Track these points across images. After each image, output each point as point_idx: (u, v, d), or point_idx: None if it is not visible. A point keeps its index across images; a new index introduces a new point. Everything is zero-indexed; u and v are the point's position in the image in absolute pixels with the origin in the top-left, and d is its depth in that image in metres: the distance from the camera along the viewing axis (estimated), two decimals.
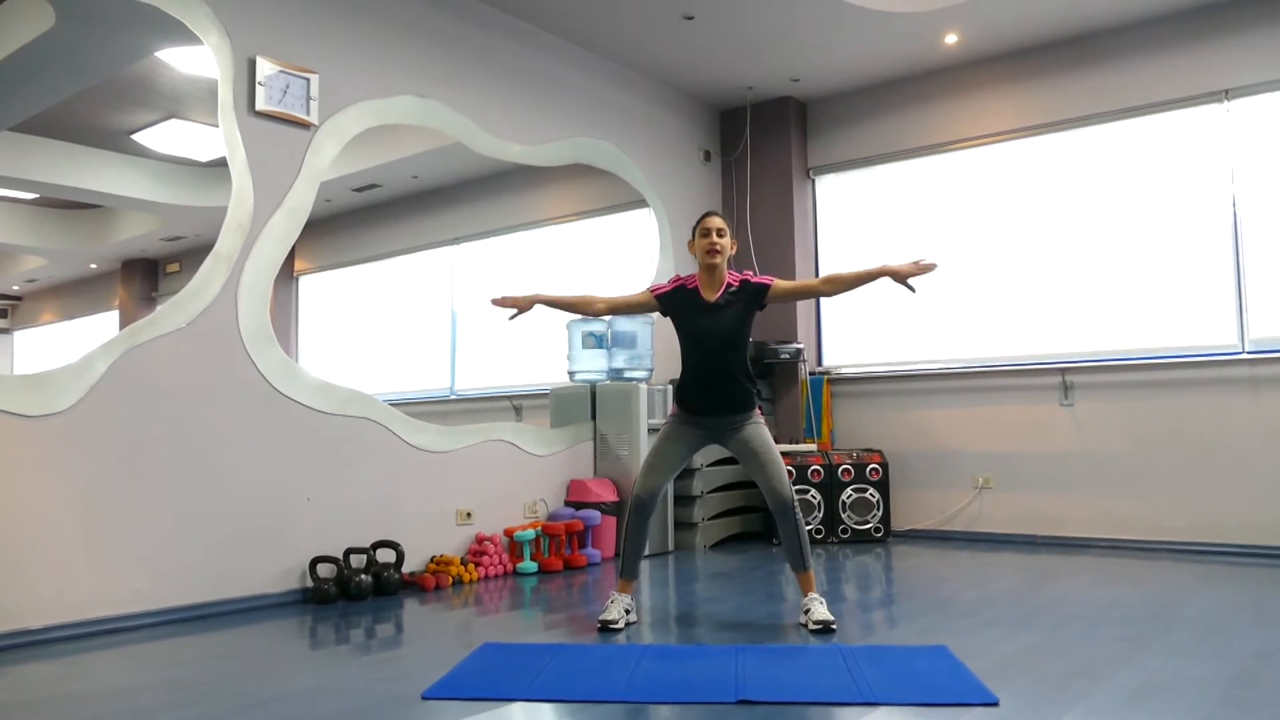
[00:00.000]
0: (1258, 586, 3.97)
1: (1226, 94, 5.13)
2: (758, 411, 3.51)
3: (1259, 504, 4.88)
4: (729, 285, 3.47)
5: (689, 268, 6.37)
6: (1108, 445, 5.34)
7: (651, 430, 5.37)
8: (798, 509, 3.39)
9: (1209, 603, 3.63)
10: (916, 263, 3.39)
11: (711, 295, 3.46)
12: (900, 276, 3.41)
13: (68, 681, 2.77)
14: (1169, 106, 5.30)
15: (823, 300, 6.52)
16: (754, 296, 3.45)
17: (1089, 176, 5.56)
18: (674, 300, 3.50)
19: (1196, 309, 5.17)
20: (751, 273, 3.54)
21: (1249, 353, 4.98)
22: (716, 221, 3.48)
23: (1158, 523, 5.16)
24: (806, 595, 3.38)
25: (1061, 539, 5.44)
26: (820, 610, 3.28)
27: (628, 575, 3.46)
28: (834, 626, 3.23)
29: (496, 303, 3.56)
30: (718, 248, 3.45)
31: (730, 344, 3.43)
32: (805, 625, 3.28)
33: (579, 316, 5.54)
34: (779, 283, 3.49)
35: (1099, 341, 5.44)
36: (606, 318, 5.53)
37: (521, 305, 3.54)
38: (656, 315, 3.63)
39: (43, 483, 3.35)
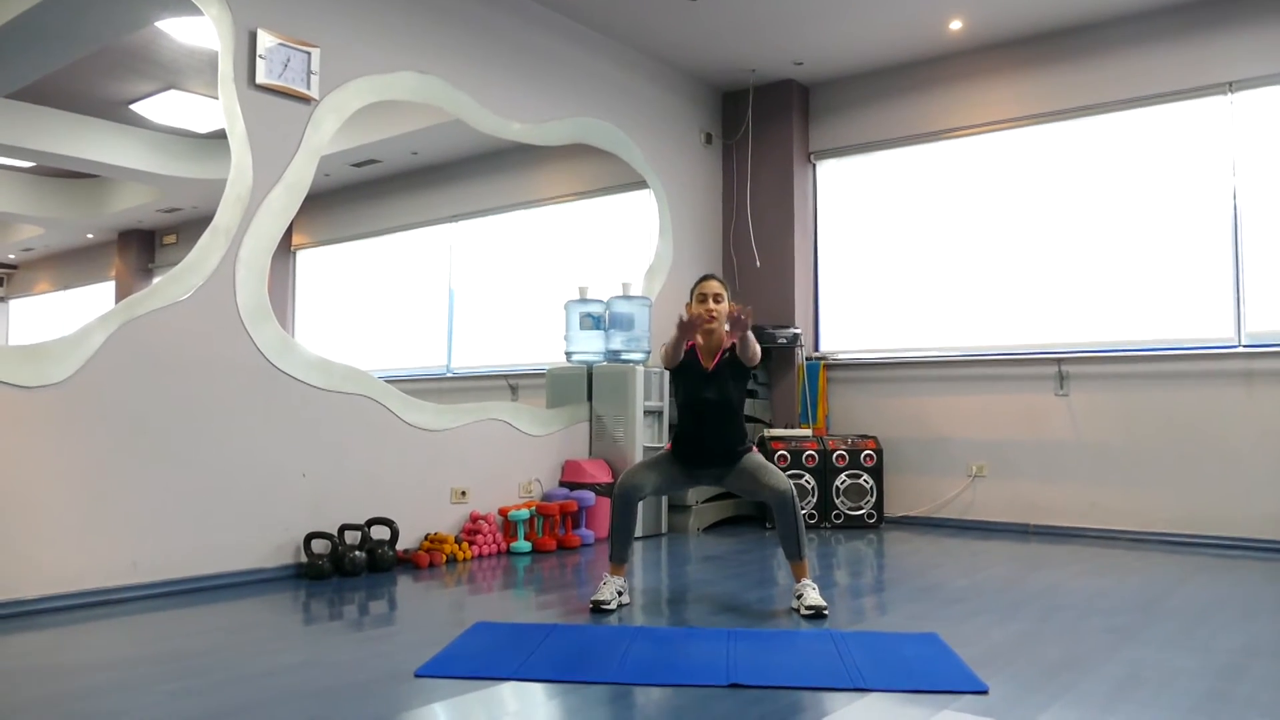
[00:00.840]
0: (1247, 580, 4.00)
1: (1231, 86, 5.11)
2: (752, 449, 3.62)
3: (1250, 497, 4.91)
4: (724, 353, 3.55)
5: (689, 249, 6.38)
6: (1101, 436, 5.35)
7: (647, 413, 5.38)
8: (797, 499, 3.43)
9: (1198, 595, 3.66)
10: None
11: (708, 362, 3.56)
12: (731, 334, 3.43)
13: (62, 652, 2.78)
14: (1173, 98, 5.29)
15: (820, 285, 6.53)
16: (736, 362, 3.54)
17: (1090, 166, 5.55)
18: (684, 362, 3.57)
19: (1194, 301, 5.17)
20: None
21: (1245, 346, 4.99)
22: (714, 287, 3.54)
23: (1149, 514, 5.19)
24: (799, 581, 3.40)
25: (1053, 528, 5.47)
26: (813, 595, 3.30)
27: (618, 559, 3.48)
28: (826, 612, 3.25)
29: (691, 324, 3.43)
30: (714, 315, 3.50)
31: (724, 408, 3.54)
32: (797, 610, 3.30)
33: (578, 297, 5.54)
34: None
35: (1095, 332, 5.45)
36: (606, 302, 5.54)
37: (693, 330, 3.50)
38: (652, 300, 3.64)
39: (39, 454, 3.35)
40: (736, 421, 3.58)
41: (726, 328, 3.46)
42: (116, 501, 3.53)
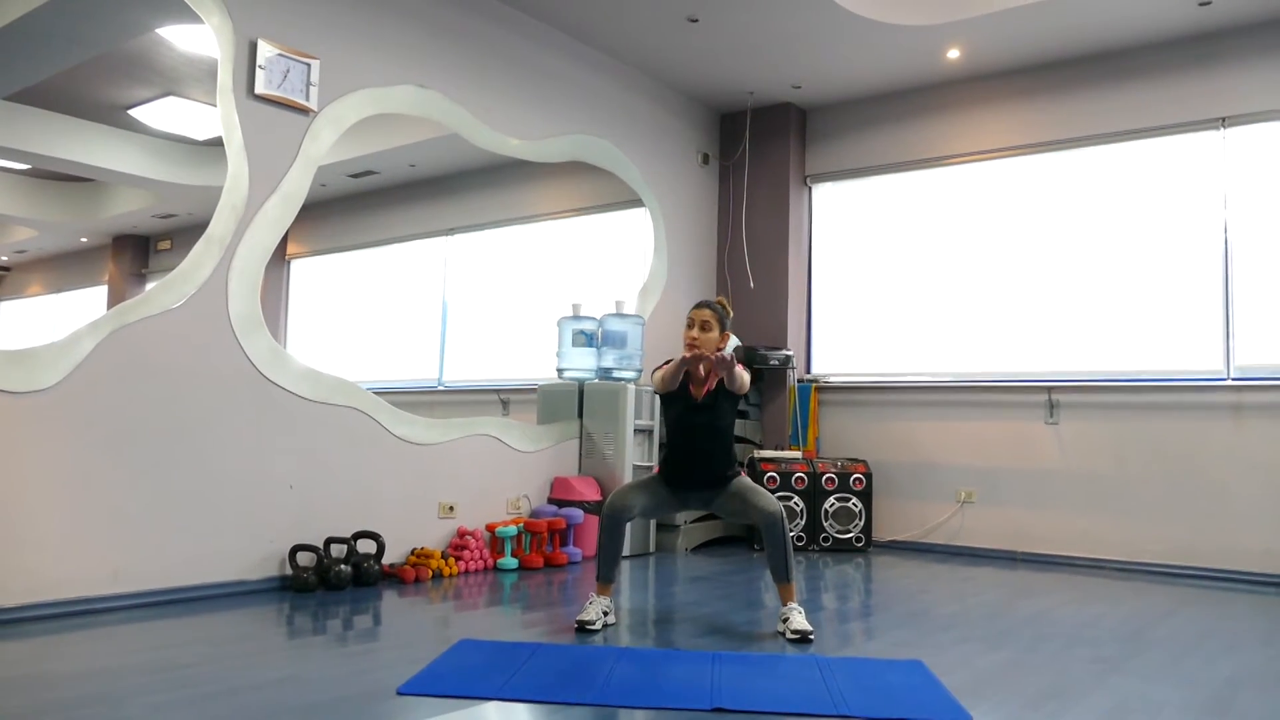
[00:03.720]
0: (1234, 612, 4.00)
1: (1224, 121, 5.16)
2: (741, 474, 3.64)
3: (1237, 529, 4.92)
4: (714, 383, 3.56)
5: (683, 268, 6.40)
6: (1090, 465, 5.36)
7: (638, 431, 5.37)
8: (785, 522, 3.42)
9: (1184, 627, 3.66)
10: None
11: (698, 391, 3.56)
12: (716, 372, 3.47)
13: (42, 661, 2.75)
14: (1166, 131, 5.33)
15: (814, 308, 6.55)
16: (726, 390, 3.54)
17: (1084, 197, 5.58)
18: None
19: (1184, 333, 5.20)
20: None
21: (1234, 379, 5.02)
22: (703, 315, 3.54)
23: (1136, 544, 5.19)
24: (786, 604, 3.39)
25: (1040, 556, 5.47)
26: (798, 620, 3.29)
27: (605, 579, 3.47)
28: (811, 637, 3.24)
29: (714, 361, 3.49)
30: (697, 343, 3.50)
31: (712, 436, 3.57)
32: (783, 634, 3.29)
33: (571, 314, 5.54)
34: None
35: (1086, 361, 5.47)
36: (599, 320, 5.55)
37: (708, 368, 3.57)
38: (645, 318, 3.65)
39: (24, 460, 3.33)
40: (726, 447, 3.60)
41: (711, 361, 3.44)
42: (100, 510, 3.50)
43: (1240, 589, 4.64)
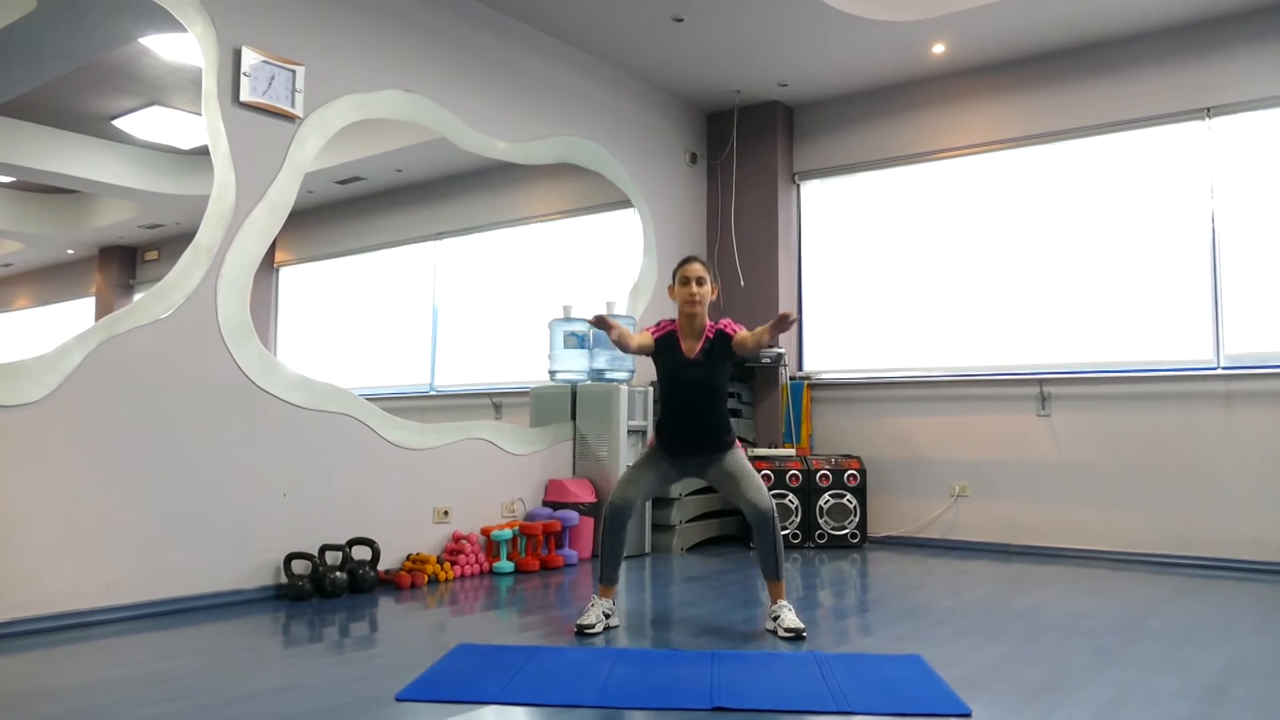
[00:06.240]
0: (1228, 600, 4.02)
1: (1208, 111, 5.18)
2: (736, 444, 3.56)
3: (1230, 518, 4.94)
4: (707, 338, 3.50)
5: (673, 268, 6.37)
6: (1083, 456, 5.38)
7: (631, 432, 5.37)
8: (777, 519, 3.41)
9: (1179, 616, 3.67)
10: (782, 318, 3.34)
11: (690, 347, 3.50)
12: (773, 330, 3.40)
13: (35, 676, 2.73)
14: (1152, 122, 5.35)
15: (804, 305, 6.55)
16: (725, 348, 3.48)
17: (1071, 189, 5.60)
18: (662, 346, 3.53)
19: (1173, 323, 5.22)
20: (729, 321, 3.53)
21: (1224, 368, 5.04)
22: (697, 270, 3.48)
23: (1130, 534, 5.21)
24: (776, 602, 3.39)
25: (1035, 548, 5.48)
26: (790, 618, 3.29)
27: (608, 580, 3.46)
28: (804, 635, 3.24)
29: (598, 320, 3.46)
30: (696, 298, 3.47)
31: (707, 394, 3.49)
32: (774, 632, 3.29)
33: (562, 316, 5.54)
34: (740, 333, 3.47)
35: (1077, 353, 5.49)
36: (588, 319, 5.54)
37: (611, 327, 3.50)
38: (636, 319, 3.62)
39: (14, 473, 3.30)
40: (719, 409, 3.50)
41: (767, 331, 3.33)
42: (92, 522, 3.48)
43: (1233, 577, 4.66)
